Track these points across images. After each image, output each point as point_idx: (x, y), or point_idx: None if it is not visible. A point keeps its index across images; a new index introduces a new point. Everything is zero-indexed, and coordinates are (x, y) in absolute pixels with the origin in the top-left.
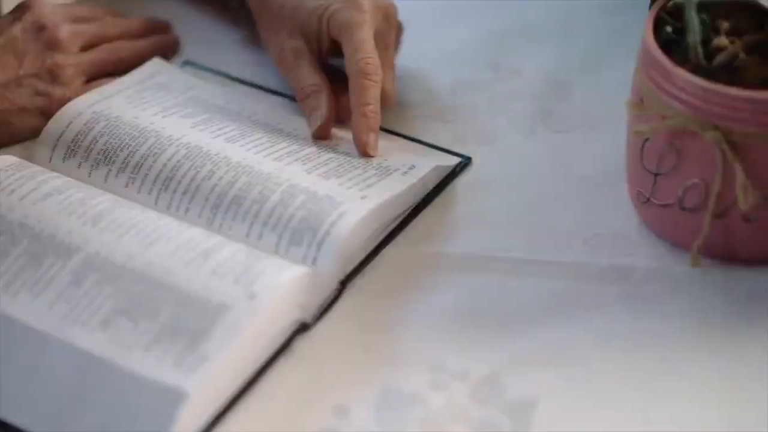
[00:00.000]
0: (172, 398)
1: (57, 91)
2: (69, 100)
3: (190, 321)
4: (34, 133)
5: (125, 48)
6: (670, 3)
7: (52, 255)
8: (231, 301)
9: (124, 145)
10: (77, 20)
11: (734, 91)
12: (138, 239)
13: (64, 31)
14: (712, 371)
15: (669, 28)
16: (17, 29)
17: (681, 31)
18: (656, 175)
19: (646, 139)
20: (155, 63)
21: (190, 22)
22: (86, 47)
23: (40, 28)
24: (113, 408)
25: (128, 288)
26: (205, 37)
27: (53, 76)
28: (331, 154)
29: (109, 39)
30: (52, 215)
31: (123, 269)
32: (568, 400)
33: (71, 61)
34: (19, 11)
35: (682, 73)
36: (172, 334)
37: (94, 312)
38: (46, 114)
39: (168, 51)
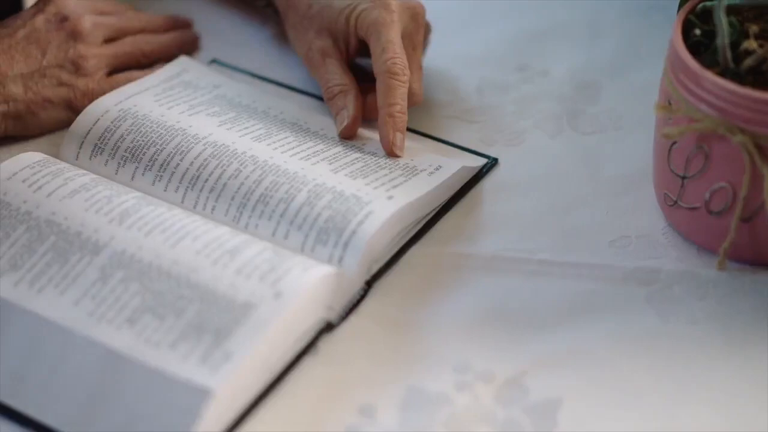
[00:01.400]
0: (198, 396)
1: (80, 82)
2: (93, 91)
3: (215, 319)
4: (59, 125)
5: (148, 42)
6: (699, 6)
7: (78, 252)
8: (256, 299)
9: (151, 143)
10: (100, 13)
11: (763, 94)
12: (164, 237)
13: (87, 22)
14: (738, 375)
15: (697, 31)
16: (40, 20)
17: (709, 34)
18: (683, 178)
19: (674, 142)
20: (182, 61)
21: (217, 21)
22: (109, 40)
23: (62, 19)
24: (138, 406)
25: (154, 286)
26: (233, 35)
27: (76, 66)
28: (358, 154)
29: (131, 32)
30: (79, 212)
31: (149, 267)
32: (592, 401)
33: (94, 52)
34: (41, 3)
35: (710, 77)
36: (197, 331)
37: (120, 309)
38: (70, 105)
39: (189, 47)
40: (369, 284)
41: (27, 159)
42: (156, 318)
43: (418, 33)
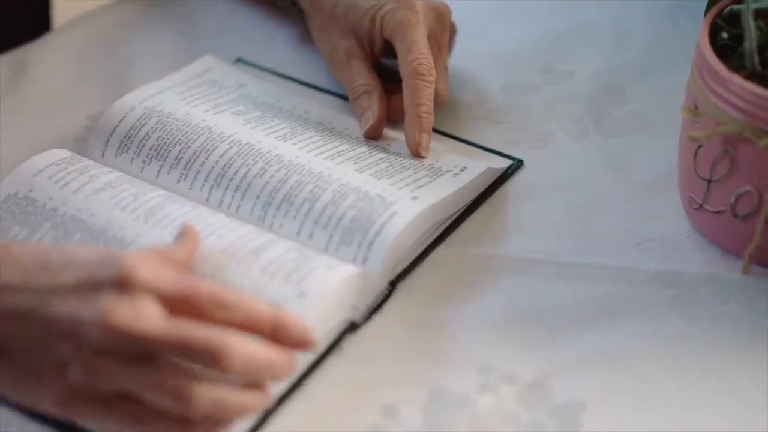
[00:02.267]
0: None
1: None
2: None
3: None
4: None
5: None
6: (726, 9)
7: None
8: (281, 299)
9: (177, 141)
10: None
11: None
12: None
13: None
14: (761, 379)
15: (725, 35)
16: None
17: (737, 37)
18: (709, 181)
19: (700, 146)
20: (207, 59)
21: (241, 20)
22: None
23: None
24: None
25: None
26: (257, 35)
27: None
28: (383, 154)
29: None
30: (105, 210)
31: None
32: (615, 404)
33: None
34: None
35: (737, 80)
36: None
37: None
38: None
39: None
40: (393, 284)
41: (53, 156)
42: None
43: (443, 34)
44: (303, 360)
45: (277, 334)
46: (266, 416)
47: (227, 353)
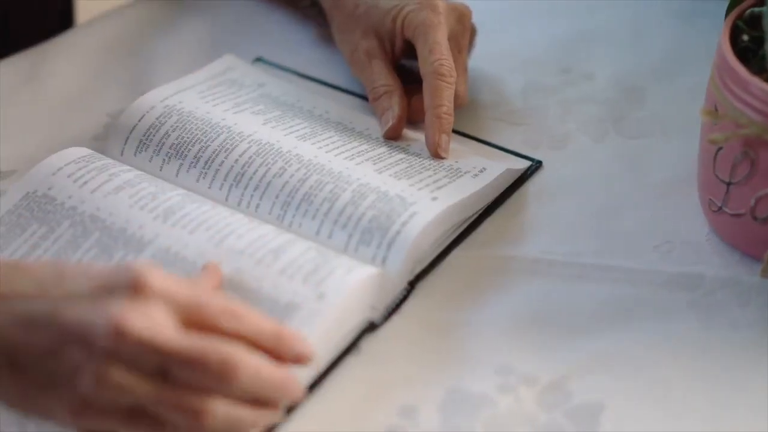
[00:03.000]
0: None
1: None
2: None
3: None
4: None
5: None
6: (747, 12)
7: (123, 248)
8: (300, 300)
9: (196, 140)
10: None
11: None
12: (209, 235)
13: None
14: None
15: (745, 37)
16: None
17: (758, 40)
18: (729, 184)
19: (720, 148)
20: (227, 59)
21: (262, 20)
22: None
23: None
24: None
25: None
26: (277, 34)
27: None
28: (402, 155)
29: None
30: (124, 209)
31: (194, 265)
32: (634, 407)
33: None
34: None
35: (758, 83)
36: None
37: None
38: None
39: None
40: (412, 285)
41: (72, 154)
42: None
43: (464, 35)
44: (322, 360)
45: (279, 347)
46: (285, 414)
47: (239, 368)
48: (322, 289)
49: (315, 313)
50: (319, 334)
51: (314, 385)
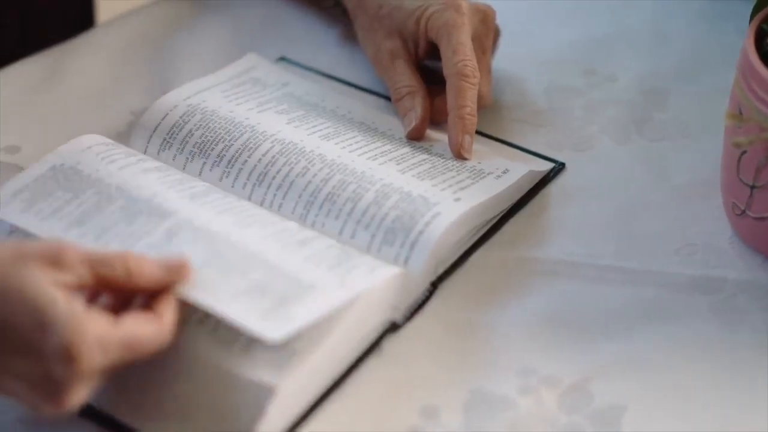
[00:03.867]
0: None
1: None
2: None
3: (280, 287)
4: None
5: None
6: None
7: (146, 215)
8: (322, 284)
9: (219, 139)
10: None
11: None
12: (235, 219)
13: None
14: None
15: None
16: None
17: None
18: (753, 187)
19: (744, 151)
20: (250, 58)
21: (285, 19)
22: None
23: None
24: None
25: (220, 250)
26: (300, 34)
27: None
28: (425, 155)
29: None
30: (152, 184)
31: (217, 235)
32: (655, 409)
33: None
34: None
35: None
36: (261, 292)
37: None
38: None
39: None
40: (434, 285)
41: (101, 138)
42: (219, 273)
43: (487, 36)
44: (343, 360)
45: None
46: (305, 416)
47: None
48: (344, 281)
49: (337, 297)
50: (341, 330)
51: (336, 385)
